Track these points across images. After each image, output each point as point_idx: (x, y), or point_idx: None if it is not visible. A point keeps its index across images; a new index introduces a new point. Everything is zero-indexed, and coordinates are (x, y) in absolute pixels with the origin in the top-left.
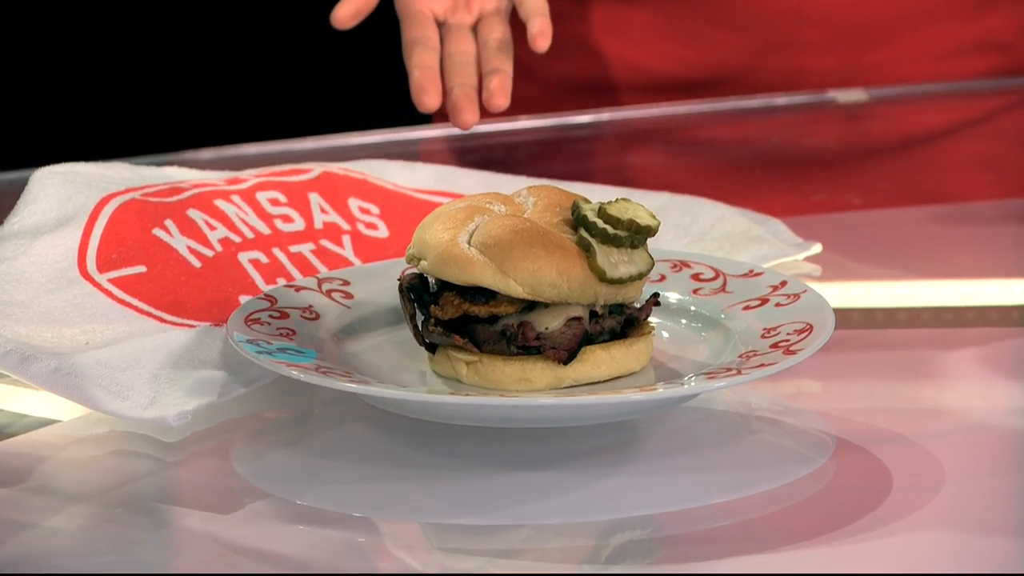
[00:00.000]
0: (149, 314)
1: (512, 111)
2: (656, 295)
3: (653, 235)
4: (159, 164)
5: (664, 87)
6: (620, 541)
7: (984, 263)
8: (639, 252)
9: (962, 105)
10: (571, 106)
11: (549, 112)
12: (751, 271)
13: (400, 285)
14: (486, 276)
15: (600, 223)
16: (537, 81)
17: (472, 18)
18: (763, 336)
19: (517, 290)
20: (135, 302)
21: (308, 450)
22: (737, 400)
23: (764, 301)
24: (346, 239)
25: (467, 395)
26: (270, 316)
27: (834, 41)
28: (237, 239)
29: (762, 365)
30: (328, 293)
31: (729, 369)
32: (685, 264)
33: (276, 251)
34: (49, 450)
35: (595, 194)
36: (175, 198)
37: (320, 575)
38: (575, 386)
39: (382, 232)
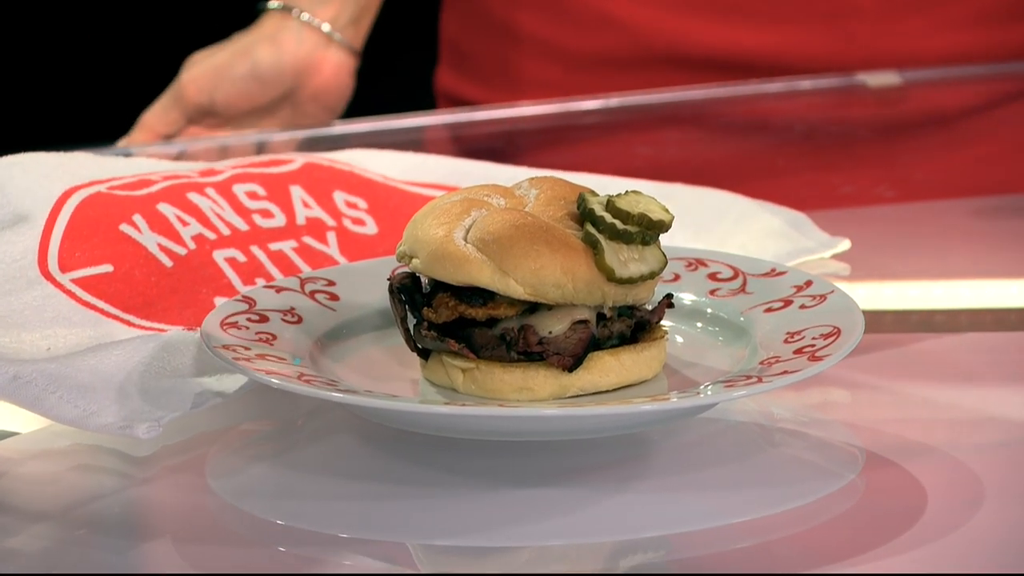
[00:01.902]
0: (116, 317)
1: (533, 94)
2: (669, 296)
3: (666, 231)
4: (126, 154)
5: (703, 65)
6: (630, 564)
7: None
8: (651, 249)
9: (1002, 88)
10: (599, 87)
11: (573, 95)
12: (773, 270)
13: (390, 285)
14: (484, 275)
15: (608, 218)
16: (559, 59)
17: None
18: (786, 341)
19: (518, 291)
20: (101, 304)
21: (289, 465)
22: (758, 411)
23: (787, 303)
24: (331, 236)
25: (463, 405)
26: (248, 319)
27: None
28: (212, 236)
29: (785, 372)
30: (311, 294)
31: (749, 377)
32: (701, 262)
33: (255, 249)
34: (7, 465)
35: (602, 186)
36: (144, 191)
37: None
38: (581, 395)
39: (370, 228)
